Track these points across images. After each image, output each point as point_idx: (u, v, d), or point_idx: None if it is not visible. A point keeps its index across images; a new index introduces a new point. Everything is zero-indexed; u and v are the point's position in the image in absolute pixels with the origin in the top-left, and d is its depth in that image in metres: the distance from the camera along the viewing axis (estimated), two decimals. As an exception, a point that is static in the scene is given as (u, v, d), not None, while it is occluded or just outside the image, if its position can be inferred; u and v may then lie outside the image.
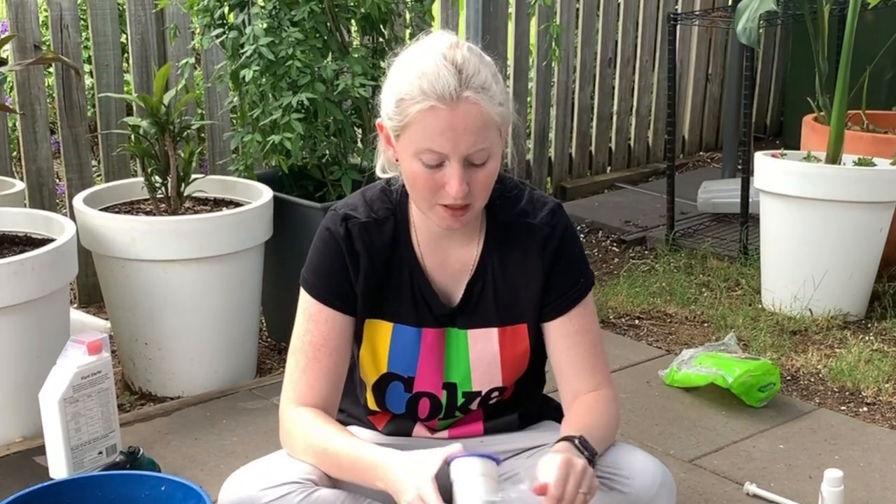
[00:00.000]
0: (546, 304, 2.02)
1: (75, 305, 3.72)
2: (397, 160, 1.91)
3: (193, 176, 3.20)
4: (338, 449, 1.90)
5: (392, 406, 2.08)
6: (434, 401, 2.06)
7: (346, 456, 1.89)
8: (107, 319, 3.33)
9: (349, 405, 2.17)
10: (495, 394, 2.07)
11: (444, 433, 2.11)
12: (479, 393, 2.06)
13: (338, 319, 1.99)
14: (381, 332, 2.02)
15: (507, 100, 1.89)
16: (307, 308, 2.00)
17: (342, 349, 2.00)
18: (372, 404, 2.10)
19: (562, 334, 2.03)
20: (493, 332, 2.03)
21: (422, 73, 1.82)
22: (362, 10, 3.34)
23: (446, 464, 1.79)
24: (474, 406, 2.08)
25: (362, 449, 1.89)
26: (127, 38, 3.80)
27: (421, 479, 1.76)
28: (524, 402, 2.14)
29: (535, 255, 2.00)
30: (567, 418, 2.01)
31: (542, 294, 2.01)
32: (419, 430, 2.11)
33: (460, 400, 2.06)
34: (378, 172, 2.02)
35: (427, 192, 1.87)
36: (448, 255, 2.02)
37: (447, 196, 1.85)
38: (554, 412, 2.21)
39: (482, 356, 2.03)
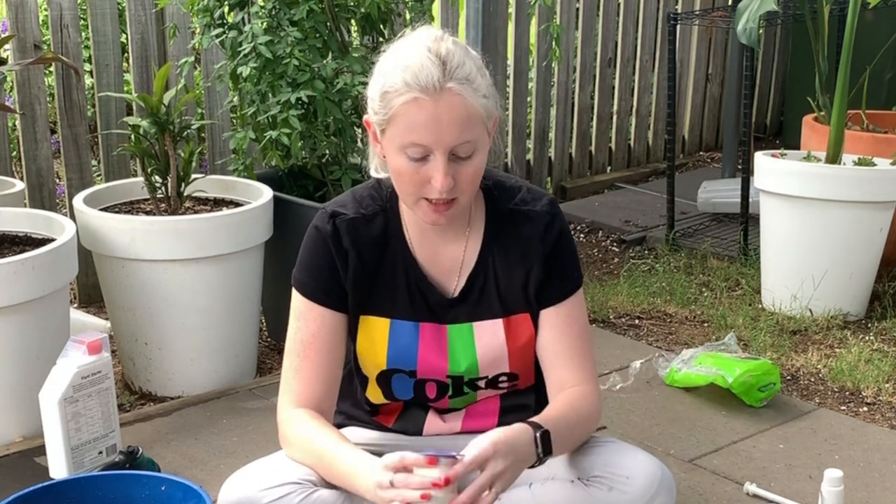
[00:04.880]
0: (542, 291, 2.02)
1: (75, 305, 3.72)
2: (384, 156, 1.92)
3: (193, 176, 3.20)
4: (332, 456, 1.90)
5: (399, 394, 2.07)
6: (440, 384, 2.06)
7: (335, 462, 1.90)
8: (107, 319, 3.32)
9: (348, 407, 2.17)
10: (503, 378, 2.07)
11: (458, 422, 2.10)
12: (486, 377, 2.06)
13: (327, 316, 1.99)
14: (379, 329, 2.02)
15: (493, 94, 1.89)
16: (298, 307, 2.01)
17: (333, 346, 2.00)
18: (377, 398, 2.10)
19: (552, 324, 2.03)
20: (498, 324, 2.03)
21: (406, 66, 1.82)
22: (362, 10, 3.34)
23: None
24: (482, 385, 2.07)
25: (348, 455, 1.89)
26: (127, 38, 3.80)
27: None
28: (540, 393, 2.11)
29: (537, 241, 2.01)
30: (548, 407, 2.00)
31: (541, 280, 2.02)
32: (432, 421, 2.10)
33: (465, 388, 2.07)
34: (372, 173, 2.02)
35: (413, 186, 1.87)
36: (437, 251, 2.02)
37: (433, 190, 1.86)
38: None
39: (490, 348, 2.03)
